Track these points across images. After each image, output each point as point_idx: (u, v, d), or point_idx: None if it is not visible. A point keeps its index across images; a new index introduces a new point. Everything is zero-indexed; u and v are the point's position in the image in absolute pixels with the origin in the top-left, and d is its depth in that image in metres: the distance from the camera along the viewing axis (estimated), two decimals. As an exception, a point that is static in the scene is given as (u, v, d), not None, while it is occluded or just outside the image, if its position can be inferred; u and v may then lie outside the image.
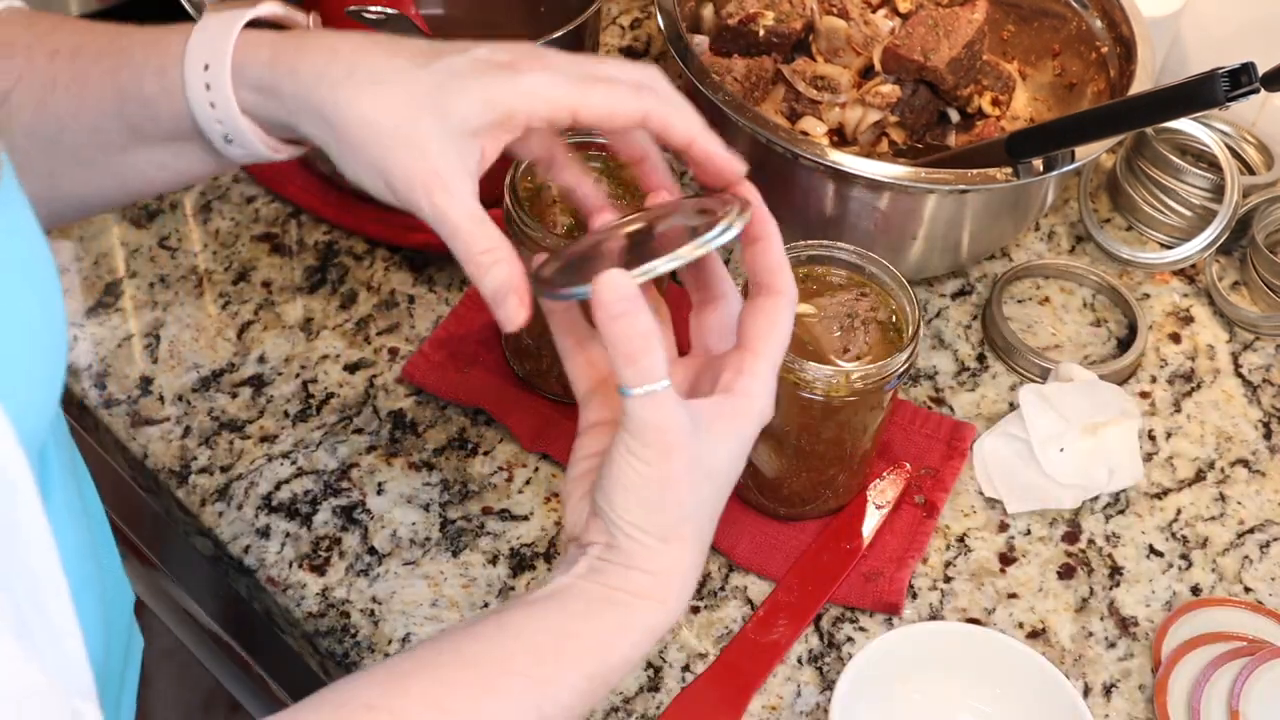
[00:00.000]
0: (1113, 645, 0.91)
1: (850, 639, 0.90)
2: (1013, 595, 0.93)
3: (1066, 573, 0.94)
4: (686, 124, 0.65)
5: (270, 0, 0.68)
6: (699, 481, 0.62)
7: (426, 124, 0.61)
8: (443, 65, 0.63)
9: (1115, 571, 0.95)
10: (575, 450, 0.66)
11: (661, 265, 0.60)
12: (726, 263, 0.69)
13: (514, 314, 0.63)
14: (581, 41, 1.05)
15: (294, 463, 0.94)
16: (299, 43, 0.65)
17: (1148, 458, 1.01)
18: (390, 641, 0.86)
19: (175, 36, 0.67)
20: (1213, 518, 0.99)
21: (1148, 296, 1.12)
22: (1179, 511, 0.99)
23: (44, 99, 0.68)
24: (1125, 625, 0.92)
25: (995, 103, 1.10)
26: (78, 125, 0.68)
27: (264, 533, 0.91)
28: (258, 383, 0.98)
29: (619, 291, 0.58)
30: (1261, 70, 0.83)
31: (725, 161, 0.66)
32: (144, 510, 1.08)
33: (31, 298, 0.50)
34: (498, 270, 0.63)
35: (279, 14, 0.68)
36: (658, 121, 0.64)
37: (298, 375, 0.99)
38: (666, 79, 0.67)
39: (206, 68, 0.65)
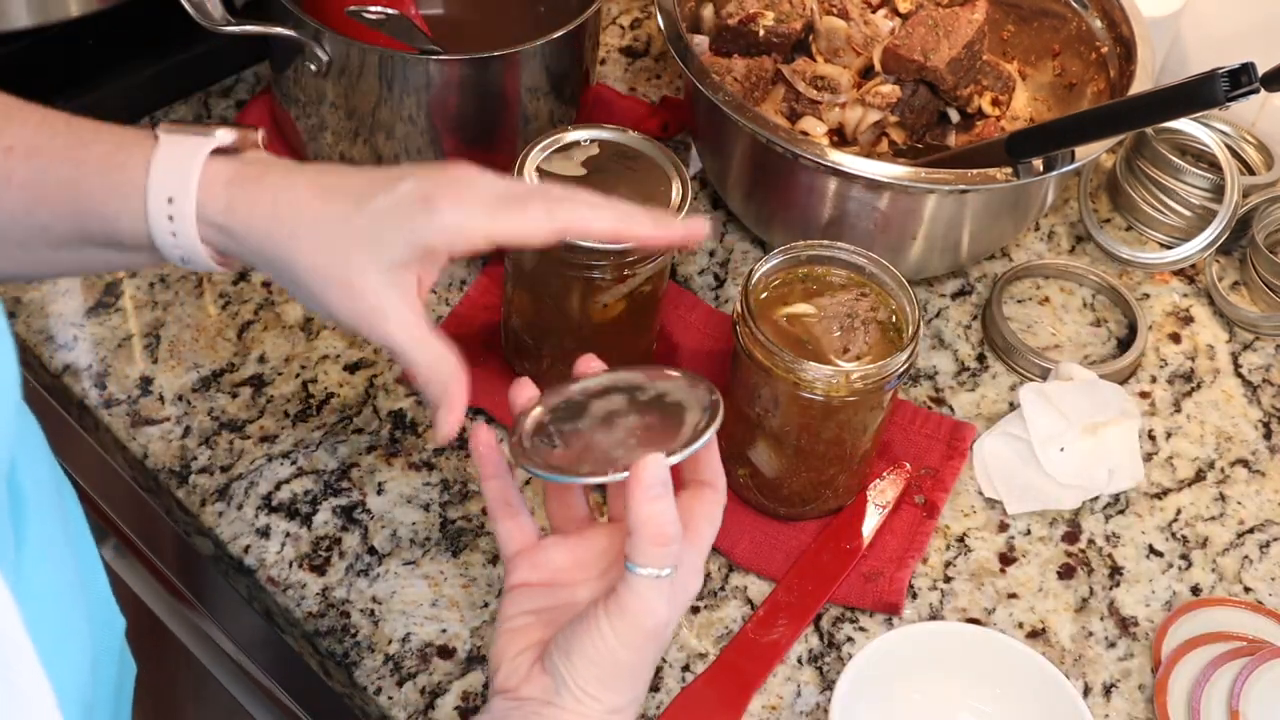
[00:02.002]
0: (1113, 645, 0.91)
1: (850, 639, 0.90)
2: (1013, 595, 0.93)
3: (1066, 573, 0.94)
4: (604, 221, 0.70)
5: (223, 128, 0.71)
6: (654, 657, 0.67)
7: (359, 266, 0.68)
8: (372, 208, 0.68)
9: (1115, 571, 0.95)
10: (504, 608, 0.70)
11: (681, 454, 0.66)
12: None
13: (448, 429, 0.70)
14: (581, 41, 1.05)
15: (294, 463, 0.94)
16: (250, 194, 0.69)
17: (1148, 458, 1.01)
18: (390, 641, 0.86)
19: (136, 160, 0.69)
20: (1213, 518, 0.99)
21: (1148, 296, 1.12)
22: (1179, 511, 0.99)
23: None
24: (1125, 625, 0.92)
25: (995, 103, 1.10)
26: (29, 221, 0.70)
27: (264, 533, 0.91)
28: (258, 383, 0.98)
29: (661, 475, 0.64)
30: (1261, 70, 0.83)
31: (665, 233, 0.72)
32: (173, 541, 1.08)
33: None
34: (435, 385, 0.69)
35: (234, 140, 0.71)
36: (579, 229, 0.70)
37: (298, 375, 0.99)
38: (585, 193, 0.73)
39: (170, 200, 0.69)
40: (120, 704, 0.73)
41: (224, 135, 0.71)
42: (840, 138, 1.09)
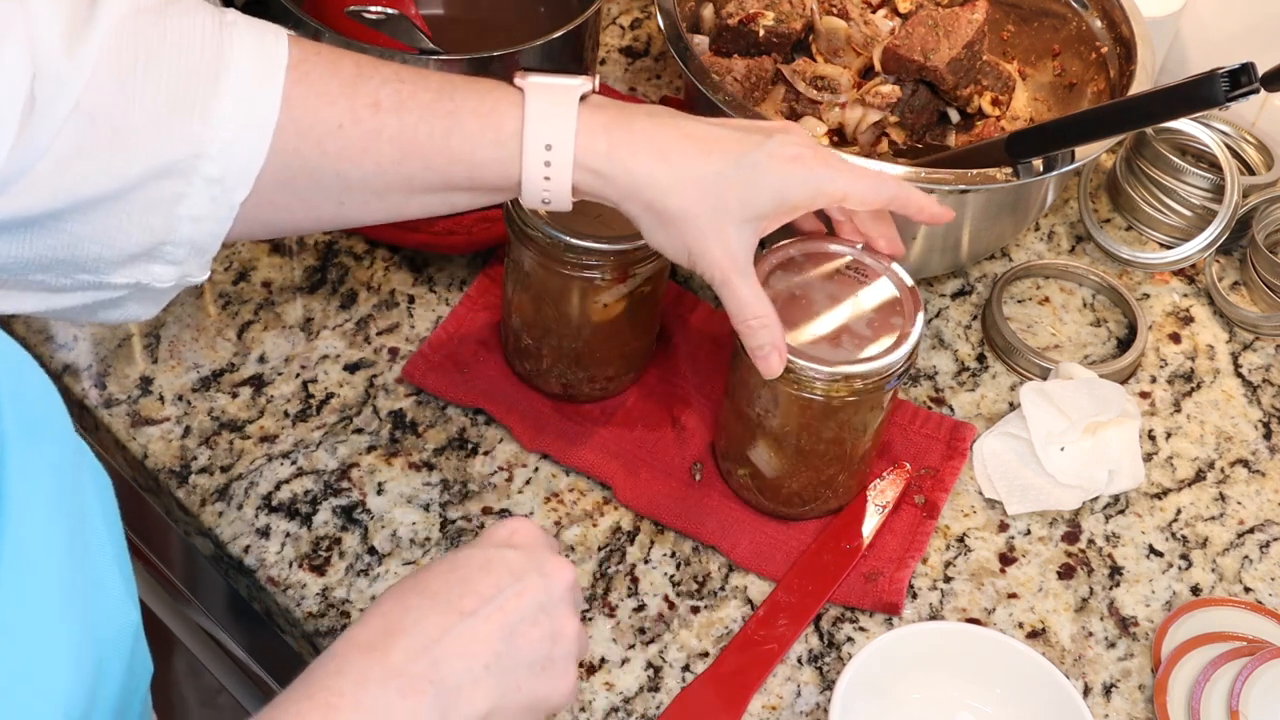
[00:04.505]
0: (1113, 645, 0.91)
1: (850, 639, 0.90)
2: (1013, 595, 0.93)
3: (1066, 573, 0.94)
4: (915, 199, 0.83)
5: (585, 76, 0.76)
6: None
7: (729, 217, 0.77)
8: (749, 162, 0.77)
9: (1115, 571, 0.95)
10: None
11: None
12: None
13: (774, 367, 0.81)
14: (581, 41, 1.05)
15: (294, 463, 0.94)
16: (629, 138, 0.75)
17: (1148, 458, 1.01)
18: (390, 641, 0.86)
19: (507, 108, 0.74)
20: (1213, 518, 0.99)
21: (1148, 296, 1.12)
22: (1179, 511, 0.99)
23: (367, 148, 0.73)
24: (1125, 625, 0.92)
25: (995, 103, 1.10)
26: (396, 171, 0.74)
27: (264, 533, 0.91)
28: (258, 383, 0.98)
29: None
30: (1261, 70, 0.83)
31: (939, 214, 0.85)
32: (173, 541, 1.08)
33: None
34: (764, 333, 0.80)
35: (594, 89, 0.77)
36: (901, 201, 0.82)
37: (298, 375, 0.99)
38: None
39: (549, 147, 0.74)
40: (128, 704, 0.73)
41: (584, 83, 0.76)
42: (840, 138, 1.09)
